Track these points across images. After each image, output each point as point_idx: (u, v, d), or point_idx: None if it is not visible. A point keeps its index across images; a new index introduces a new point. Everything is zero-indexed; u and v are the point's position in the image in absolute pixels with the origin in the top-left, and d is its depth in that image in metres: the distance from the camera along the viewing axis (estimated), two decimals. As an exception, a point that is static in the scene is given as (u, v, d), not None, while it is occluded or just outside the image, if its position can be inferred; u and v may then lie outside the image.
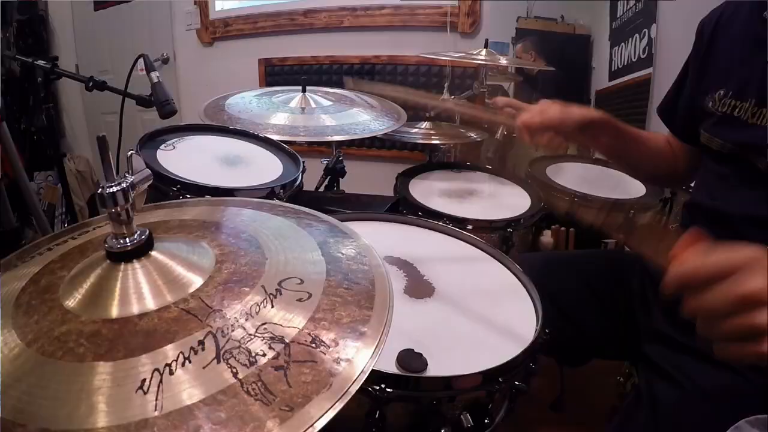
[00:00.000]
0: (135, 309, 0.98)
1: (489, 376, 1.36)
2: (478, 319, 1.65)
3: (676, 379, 1.58)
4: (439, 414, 1.38)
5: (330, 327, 0.96)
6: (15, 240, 3.15)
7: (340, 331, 0.96)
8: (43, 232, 3.40)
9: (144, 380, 0.83)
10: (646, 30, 3.73)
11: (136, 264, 1.07)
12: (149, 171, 1.13)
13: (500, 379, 1.38)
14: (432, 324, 1.60)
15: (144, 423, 0.77)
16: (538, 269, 1.98)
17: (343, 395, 0.83)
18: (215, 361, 0.87)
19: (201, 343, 0.90)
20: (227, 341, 0.90)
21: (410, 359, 1.37)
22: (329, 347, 0.92)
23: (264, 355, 0.88)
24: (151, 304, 0.99)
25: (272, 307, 1.00)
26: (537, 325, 1.58)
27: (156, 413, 0.79)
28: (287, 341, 0.91)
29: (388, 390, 1.30)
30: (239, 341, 0.90)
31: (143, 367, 0.86)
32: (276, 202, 1.89)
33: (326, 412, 0.80)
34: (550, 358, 1.92)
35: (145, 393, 0.81)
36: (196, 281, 1.06)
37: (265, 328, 0.93)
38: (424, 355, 1.39)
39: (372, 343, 0.94)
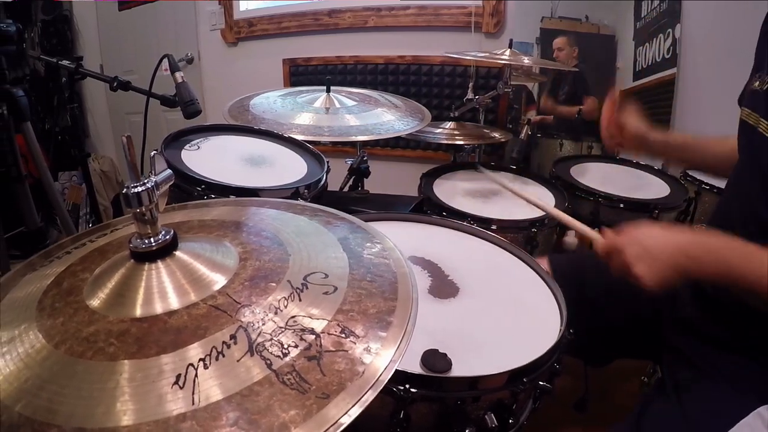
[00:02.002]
0: (159, 308, 0.99)
1: (513, 376, 1.37)
2: (503, 319, 1.66)
3: (700, 367, 1.60)
4: (463, 414, 1.38)
5: (358, 317, 0.98)
6: (39, 240, 3.16)
7: (368, 321, 0.97)
8: (67, 232, 3.41)
9: (179, 375, 0.84)
10: (670, 30, 3.71)
11: (160, 264, 1.08)
12: (171, 171, 1.13)
13: (525, 379, 1.38)
14: (456, 324, 1.60)
15: (183, 417, 0.78)
16: (566, 268, 1.98)
17: (376, 382, 0.85)
18: (248, 353, 0.88)
19: (233, 337, 0.91)
20: (258, 335, 0.91)
21: (434, 359, 1.37)
22: (359, 336, 0.93)
23: (296, 346, 0.89)
24: (175, 304, 1.00)
25: (300, 300, 1.01)
26: (561, 325, 1.58)
27: (194, 407, 0.80)
28: (318, 332, 0.93)
29: (413, 390, 1.30)
30: (270, 334, 0.91)
31: (177, 363, 0.87)
32: (296, 201, 1.89)
33: (362, 397, 0.82)
34: (574, 358, 1.92)
35: (181, 388, 0.82)
36: (220, 279, 1.07)
37: (294, 321, 0.95)
38: (448, 356, 1.38)
39: (399, 332, 0.95)
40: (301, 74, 5.22)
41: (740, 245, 1.45)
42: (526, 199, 2.10)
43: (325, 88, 3.11)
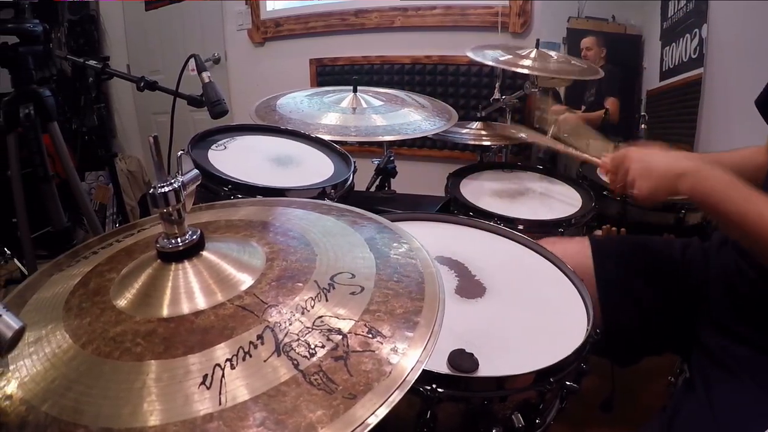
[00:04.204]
0: (186, 309, 0.99)
1: (540, 376, 1.36)
2: (529, 319, 1.65)
3: (731, 369, 1.57)
4: (490, 414, 1.37)
5: (385, 318, 0.97)
6: (66, 240, 3.17)
7: (395, 321, 0.97)
8: (94, 232, 3.41)
9: (206, 375, 0.84)
10: (697, 30, 3.68)
11: (187, 264, 1.08)
12: (197, 171, 1.14)
13: (551, 379, 1.37)
14: (483, 324, 1.59)
15: (210, 417, 0.79)
16: (607, 248, 1.99)
17: (403, 382, 0.84)
18: (275, 354, 0.88)
19: (260, 337, 0.91)
20: (285, 335, 0.91)
21: (461, 359, 1.36)
22: (386, 336, 0.93)
23: (323, 346, 0.89)
24: (202, 304, 1.00)
25: (326, 300, 1.01)
26: (588, 325, 1.57)
27: (221, 407, 0.80)
28: (345, 332, 0.92)
29: (440, 390, 1.30)
30: (297, 334, 0.91)
31: (204, 363, 0.87)
32: (323, 201, 1.89)
33: (389, 397, 0.81)
34: (600, 357, 1.91)
35: (208, 388, 0.83)
36: (247, 280, 1.07)
37: (321, 321, 0.94)
38: (475, 355, 1.38)
39: (426, 332, 0.94)
40: (328, 74, 5.22)
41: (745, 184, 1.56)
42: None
43: (351, 88, 3.12)
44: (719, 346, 1.66)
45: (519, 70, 3.14)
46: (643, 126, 3.92)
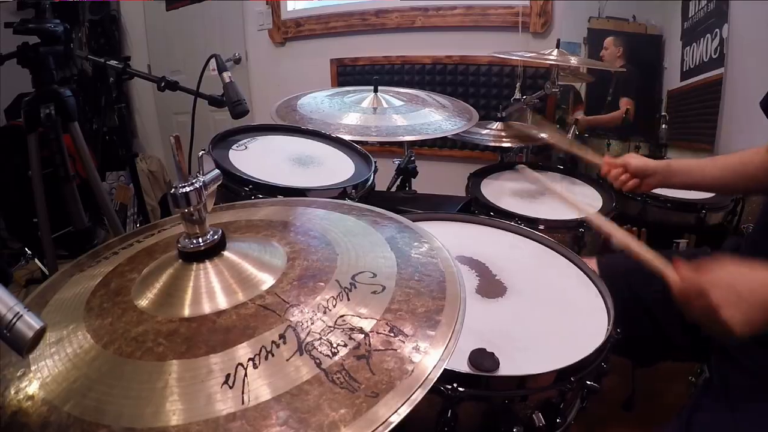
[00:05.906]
0: (208, 308, 1.00)
1: (561, 375, 1.36)
2: (550, 318, 1.66)
3: (750, 369, 1.57)
4: (511, 413, 1.37)
5: (406, 317, 0.97)
6: (87, 240, 3.18)
7: (416, 320, 0.97)
8: (114, 232, 3.42)
9: (229, 375, 0.85)
10: (717, 30, 3.67)
11: (208, 264, 1.09)
12: (218, 171, 1.14)
13: (572, 379, 1.38)
14: (504, 323, 1.60)
15: (233, 416, 0.79)
16: (613, 271, 1.98)
17: (425, 381, 0.84)
18: (298, 353, 0.88)
19: (282, 336, 0.91)
20: (307, 334, 0.91)
21: (482, 358, 1.36)
22: (407, 335, 0.93)
23: (345, 345, 0.90)
24: (224, 303, 1.00)
25: (348, 300, 1.01)
26: (609, 325, 1.57)
27: (243, 406, 0.80)
28: (366, 331, 0.93)
29: (460, 389, 1.30)
30: (319, 333, 0.91)
31: (226, 363, 0.87)
32: (344, 201, 1.89)
33: (411, 395, 0.81)
34: (621, 357, 1.91)
35: (230, 387, 0.83)
36: (268, 279, 1.07)
37: (343, 320, 0.95)
38: (496, 355, 1.38)
39: (448, 330, 0.95)
40: (349, 74, 5.22)
41: None
42: (570, 203, 2.09)
43: (372, 88, 3.12)
44: (738, 348, 1.65)
45: (544, 61, 3.14)
46: (663, 126, 3.91)
